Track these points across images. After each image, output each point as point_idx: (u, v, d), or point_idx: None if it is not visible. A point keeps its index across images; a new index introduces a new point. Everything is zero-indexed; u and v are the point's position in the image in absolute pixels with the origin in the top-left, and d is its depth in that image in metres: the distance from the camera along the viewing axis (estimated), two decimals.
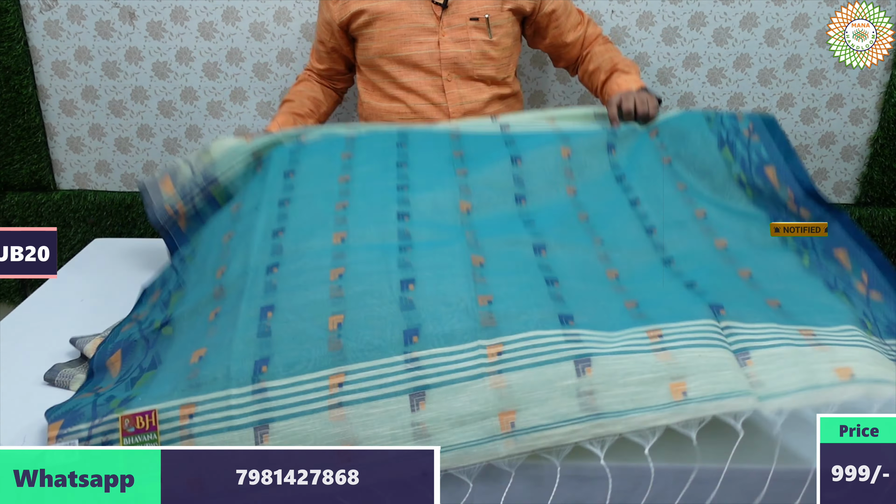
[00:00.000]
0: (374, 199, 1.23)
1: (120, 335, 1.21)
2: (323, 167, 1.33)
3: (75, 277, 1.52)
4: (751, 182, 1.33)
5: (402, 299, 1.00)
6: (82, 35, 1.90)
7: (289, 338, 0.99)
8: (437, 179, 1.29)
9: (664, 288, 1.08)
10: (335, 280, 1.05)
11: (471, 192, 1.28)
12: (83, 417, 1.01)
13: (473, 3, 1.58)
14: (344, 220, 1.17)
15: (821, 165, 2.05)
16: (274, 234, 1.18)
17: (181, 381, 0.98)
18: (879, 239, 2.06)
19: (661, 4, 1.87)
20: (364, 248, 1.11)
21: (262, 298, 1.05)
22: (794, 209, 1.27)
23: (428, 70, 1.59)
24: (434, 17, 1.57)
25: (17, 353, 1.25)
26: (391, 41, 1.58)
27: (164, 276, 1.34)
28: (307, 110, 1.66)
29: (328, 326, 0.99)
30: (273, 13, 1.89)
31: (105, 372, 1.16)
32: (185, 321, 1.13)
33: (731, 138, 1.39)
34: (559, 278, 1.07)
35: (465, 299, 1.00)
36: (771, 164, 1.33)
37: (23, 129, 1.96)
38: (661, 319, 0.97)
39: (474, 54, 1.59)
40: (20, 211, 2.03)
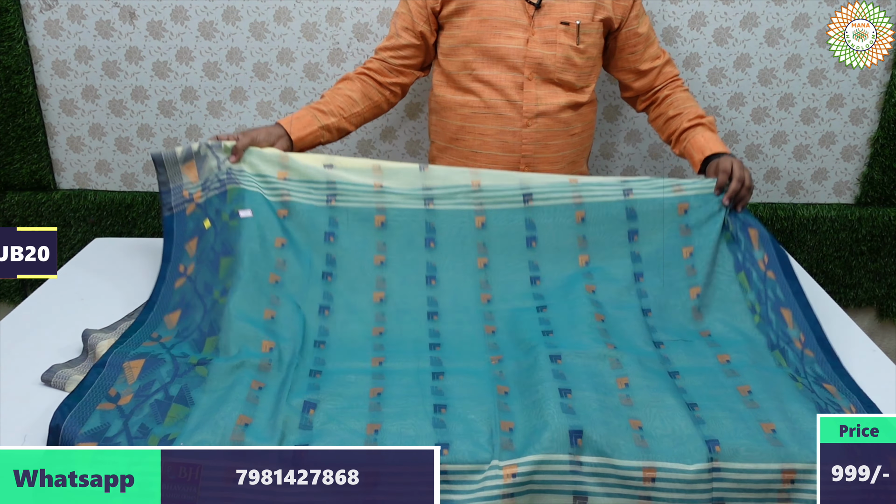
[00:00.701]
0: (407, 314, 1.39)
1: (142, 347, 1.24)
2: (361, 257, 1.45)
3: (75, 277, 1.52)
4: (763, 313, 1.37)
5: (435, 419, 1.12)
6: (82, 35, 1.90)
7: (328, 434, 1.09)
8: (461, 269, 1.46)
9: (668, 409, 1.13)
10: (374, 398, 1.17)
11: (490, 285, 1.45)
12: (118, 444, 1.04)
13: (566, 8, 1.58)
14: (381, 347, 1.32)
15: (821, 165, 2.05)
16: (315, 343, 1.32)
17: (226, 441, 1.04)
18: (880, 239, 2.06)
19: (662, 4, 1.88)
20: (400, 377, 1.24)
21: (306, 395, 1.16)
22: (798, 346, 1.31)
23: (511, 66, 1.59)
24: (526, 16, 1.58)
25: (16, 353, 1.25)
26: (480, 31, 1.59)
27: (184, 298, 1.36)
28: (332, 108, 1.61)
29: (366, 431, 1.10)
30: (273, 13, 1.89)
31: (119, 372, 1.17)
32: (224, 374, 1.18)
33: (747, 266, 1.42)
34: (573, 389, 1.16)
35: (490, 424, 1.11)
36: (788, 308, 1.36)
37: (23, 128, 1.96)
38: (659, 456, 1.04)
39: (559, 58, 1.59)
40: (20, 211, 2.03)
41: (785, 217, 2.05)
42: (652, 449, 1.05)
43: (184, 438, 1.03)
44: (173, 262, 1.43)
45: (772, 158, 2.04)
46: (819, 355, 1.28)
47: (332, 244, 1.45)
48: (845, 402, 1.17)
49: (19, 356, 1.25)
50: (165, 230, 1.47)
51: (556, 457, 1.03)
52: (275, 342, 1.24)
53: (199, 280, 1.37)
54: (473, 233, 1.48)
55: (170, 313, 1.34)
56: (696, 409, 1.14)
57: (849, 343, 1.33)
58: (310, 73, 1.94)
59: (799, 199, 2.09)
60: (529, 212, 1.48)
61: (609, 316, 1.36)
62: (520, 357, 1.28)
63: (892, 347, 2.18)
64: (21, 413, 1.10)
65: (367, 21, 1.89)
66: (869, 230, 2.05)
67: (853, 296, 2.13)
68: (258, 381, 1.16)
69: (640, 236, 1.47)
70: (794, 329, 1.32)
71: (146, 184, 2.06)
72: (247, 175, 1.46)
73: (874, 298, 2.13)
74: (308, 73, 1.94)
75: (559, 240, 1.47)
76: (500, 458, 1.03)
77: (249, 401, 1.11)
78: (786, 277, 1.39)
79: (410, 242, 1.47)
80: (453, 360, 1.29)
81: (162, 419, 1.09)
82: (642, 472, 1.03)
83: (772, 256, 1.42)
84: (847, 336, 1.36)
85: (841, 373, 1.25)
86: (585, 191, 1.49)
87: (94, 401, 1.10)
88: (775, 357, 1.29)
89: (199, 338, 1.27)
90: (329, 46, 1.92)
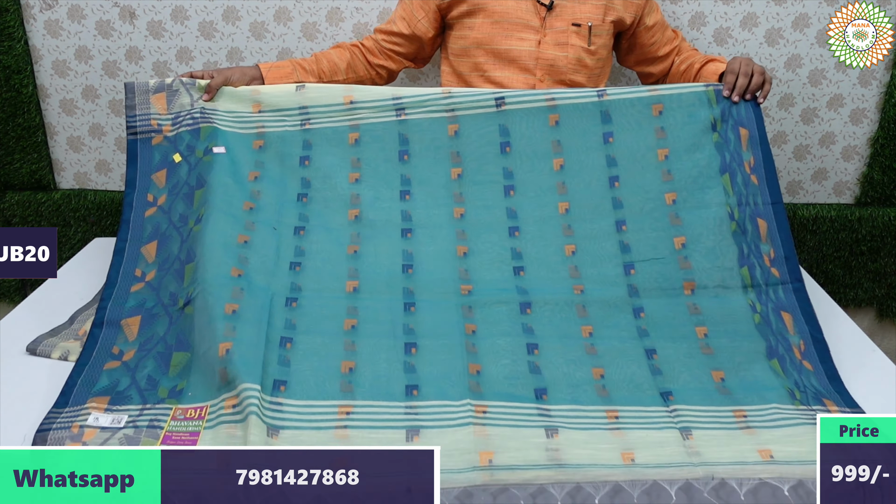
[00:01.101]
0: (381, 233, 1.41)
1: (131, 297, 1.30)
2: (335, 175, 1.47)
3: (75, 277, 1.52)
4: (741, 221, 1.38)
5: (406, 363, 1.20)
6: (82, 34, 1.90)
7: (305, 370, 1.17)
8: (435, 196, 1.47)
9: (628, 359, 1.25)
10: (348, 331, 1.25)
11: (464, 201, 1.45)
12: (131, 400, 1.13)
13: (577, 10, 1.59)
14: (356, 272, 1.36)
15: (821, 165, 2.05)
16: (291, 265, 1.35)
17: (215, 380, 1.11)
18: (880, 239, 2.06)
19: (662, 4, 1.87)
20: (373, 308, 1.29)
21: (283, 331, 1.22)
22: (767, 262, 1.35)
23: (523, 67, 1.60)
24: (538, 17, 1.59)
25: (17, 353, 1.25)
26: (491, 33, 1.59)
27: (158, 228, 1.38)
28: (315, 68, 1.61)
29: (341, 369, 1.18)
30: (273, 13, 1.89)
31: (118, 330, 1.24)
32: (202, 303, 1.23)
33: (733, 166, 1.42)
34: (539, 344, 1.25)
35: (458, 368, 1.19)
36: (763, 218, 1.38)
37: (23, 128, 1.96)
38: (620, 401, 1.17)
39: (571, 59, 1.59)
40: (20, 210, 2.03)
41: None
42: (612, 397, 1.17)
43: (191, 387, 1.12)
44: (139, 189, 1.44)
45: None
46: (784, 275, 1.33)
47: (307, 167, 1.48)
48: (796, 339, 1.26)
49: (19, 356, 1.25)
50: (129, 154, 1.48)
51: (524, 405, 1.14)
52: (243, 270, 1.28)
53: (174, 211, 1.40)
54: (447, 142, 1.48)
55: (146, 244, 1.38)
56: (655, 356, 1.25)
57: (849, 343, 1.33)
58: None
59: (799, 200, 2.09)
60: (502, 116, 1.48)
61: (580, 247, 1.39)
62: (490, 293, 1.32)
63: (892, 347, 2.18)
64: (21, 413, 1.10)
65: (367, 21, 1.89)
66: (869, 230, 2.05)
67: (853, 296, 2.13)
68: (232, 305, 1.21)
69: (615, 138, 1.47)
70: (766, 244, 1.34)
71: None
72: (220, 114, 1.50)
73: (874, 298, 2.13)
74: None
75: (533, 145, 1.47)
76: (471, 398, 1.13)
77: (227, 328, 1.17)
78: (768, 185, 1.39)
79: (384, 156, 1.48)
80: (424, 290, 1.33)
81: (166, 370, 1.17)
82: (605, 413, 1.15)
83: (758, 159, 1.41)
84: (847, 336, 1.36)
85: (801, 297, 1.32)
86: (559, 94, 1.49)
87: (101, 361, 1.19)
88: (742, 276, 1.32)
89: (179, 267, 1.32)
90: (329, 46, 1.91)
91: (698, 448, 1.08)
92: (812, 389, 1.20)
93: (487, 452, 1.05)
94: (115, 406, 1.11)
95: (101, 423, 1.08)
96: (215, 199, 1.37)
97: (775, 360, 1.24)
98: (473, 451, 1.05)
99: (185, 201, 1.40)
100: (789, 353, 1.25)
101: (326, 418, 1.10)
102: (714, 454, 1.07)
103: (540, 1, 1.58)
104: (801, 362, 1.24)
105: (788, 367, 1.24)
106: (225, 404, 1.09)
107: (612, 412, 1.14)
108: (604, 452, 1.06)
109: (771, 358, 1.24)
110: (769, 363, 1.24)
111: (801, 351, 1.26)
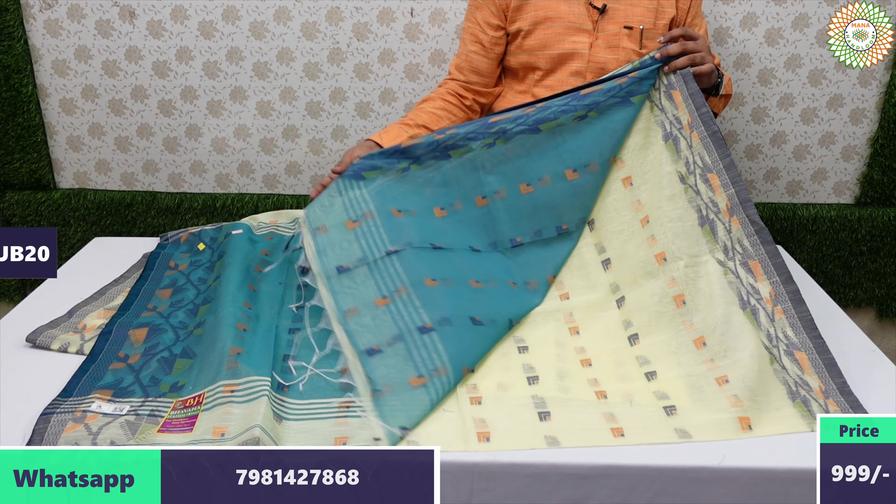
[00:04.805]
0: None
1: (141, 318, 1.35)
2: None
3: (75, 276, 1.52)
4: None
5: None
6: (82, 34, 1.90)
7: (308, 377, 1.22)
8: None
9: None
10: None
11: None
12: (134, 394, 1.16)
13: (629, 13, 1.59)
14: None
15: (821, 165, 2.05)
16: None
17: (222, 371, 1.14)
18: (879, 239, 2.06)
19: None
20: None
21: (286, 349, 1.27)
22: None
23: (575, 71, 1.61)
24: (590, 20, 1.59)
25: (16, 353, 1.25)
26: (545, 39, 1.60)
27: (175, 283, 1.47)
28: (418, 122, 1.61)
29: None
30: (273, 12, 1.88)
31: (126, 338, 1.29)
32: (215, 326, 1.28)
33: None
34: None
35: None
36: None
37: (23, 127, 1.95)
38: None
39: (622, 62, 1.58)
40: (20, 210, 2.03)
41: (784, 217, 2.06)
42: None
43: (191, 383, 1.15)
44: (160, 264, 1.55)
45: (771, 158, 2.04)
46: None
47: None
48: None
49: (19, 356, 1.25)
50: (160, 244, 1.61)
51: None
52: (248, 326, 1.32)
53: (193, 275, 1.50)
54: None
55: (162, 290, 1.45)
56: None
57: (848, 343, 1.33)
58: (309, 73, 1.94)
59: (798, 199, 2.09)
60: None
61: None
62: None
63: (892, 347, 2.18)
64: (21, 413, 1.10)
65: (367, 21, 1.89)
66: (868, 230, 2.05)
67: (853, 296, 2.13)
68: (244, 324, 1.26)
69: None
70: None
71: (146, 183, 2.06)
72: None
73: (874, 298, 2.14)
74: (308, 73, 1.94)
75: None
76: None
77: (237, 337, 1.21)
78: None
79: None
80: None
81: (169, 371, 1.21)
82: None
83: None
84: (847, 336, 1.36)
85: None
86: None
87: (107, 362, 1.23)
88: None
89: (194, 308, 1.37)
90: (329, 46, 1.92)
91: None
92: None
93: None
94: (118, 398, 1.15)
95: (104, 411, 1.11)
96: (231, 259, 1.44)
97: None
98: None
99: (205, 271, 1.51)
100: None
101: (328, 409, 1.13)
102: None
103: (592, 4, 1.58)
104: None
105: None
106: (223, 389, 1.11)
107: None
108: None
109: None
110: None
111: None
